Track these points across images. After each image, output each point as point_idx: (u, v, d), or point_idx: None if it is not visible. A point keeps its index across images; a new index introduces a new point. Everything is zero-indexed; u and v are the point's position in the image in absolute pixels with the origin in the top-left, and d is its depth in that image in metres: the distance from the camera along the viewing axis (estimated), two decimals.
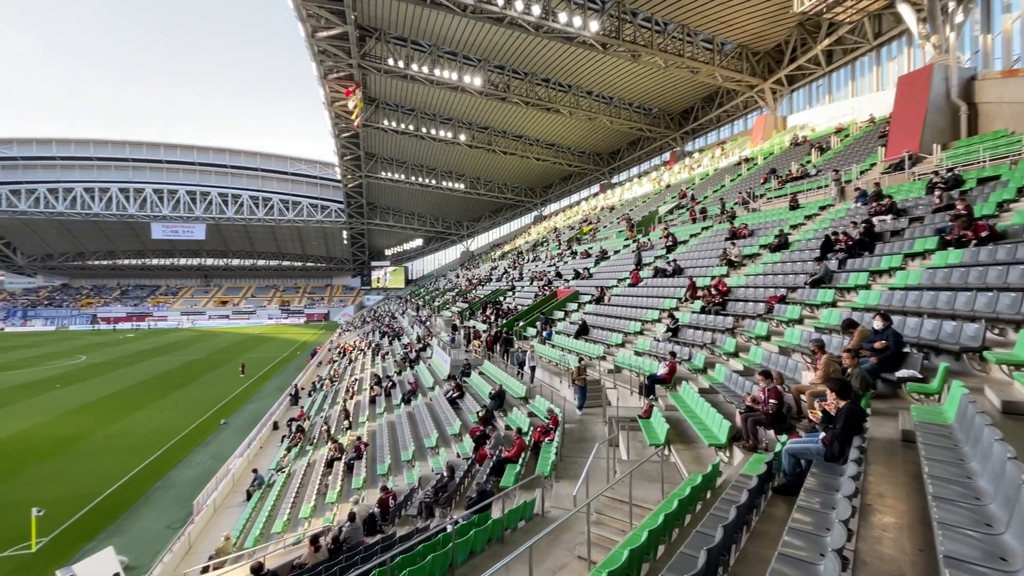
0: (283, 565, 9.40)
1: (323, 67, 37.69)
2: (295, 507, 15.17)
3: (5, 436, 23.42)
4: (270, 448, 23.30)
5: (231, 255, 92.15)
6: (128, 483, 18.81)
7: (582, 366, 12.39)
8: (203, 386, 34.99)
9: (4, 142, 69.31)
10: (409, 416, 18.75)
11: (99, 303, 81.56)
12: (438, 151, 57.43)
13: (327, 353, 47.34)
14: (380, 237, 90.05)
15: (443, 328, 30.38)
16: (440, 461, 13.36)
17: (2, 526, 15.11)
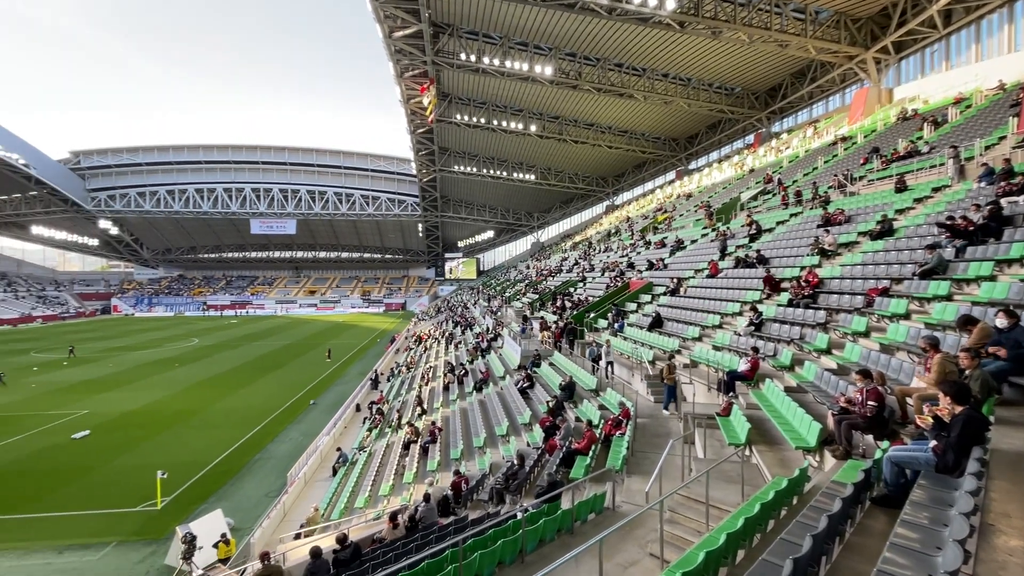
0: (365, 538, 10.03)
1: (399, 66, 39.12)
2: (375, 485, 16.10)
3: (136, 408, 26.91)
4: (353, 428, 24.89)
5: (318, 248, 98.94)
6: (233, 453, 20.94)
7: (671, 364, 11.82)
8: (295, 369, 38.04)
9: (131, 150, 78.94)
10: (480, 404, 19.20)
11: (208, 292, 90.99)
12: (509, 143, 57.78)
13: (404, 341, 49.60)
14: (453, 229, 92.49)
15: (514, 319, 30.69)
16: (511, 449, 13.57)
17: (134, 485, 17.39)
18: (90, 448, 21.09)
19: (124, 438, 22.24)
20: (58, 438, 22.14)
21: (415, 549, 8.00)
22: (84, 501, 16.48)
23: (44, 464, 19.43)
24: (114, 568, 13.14)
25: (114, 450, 20.83)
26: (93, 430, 23.08)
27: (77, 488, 17.43)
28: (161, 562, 13.25)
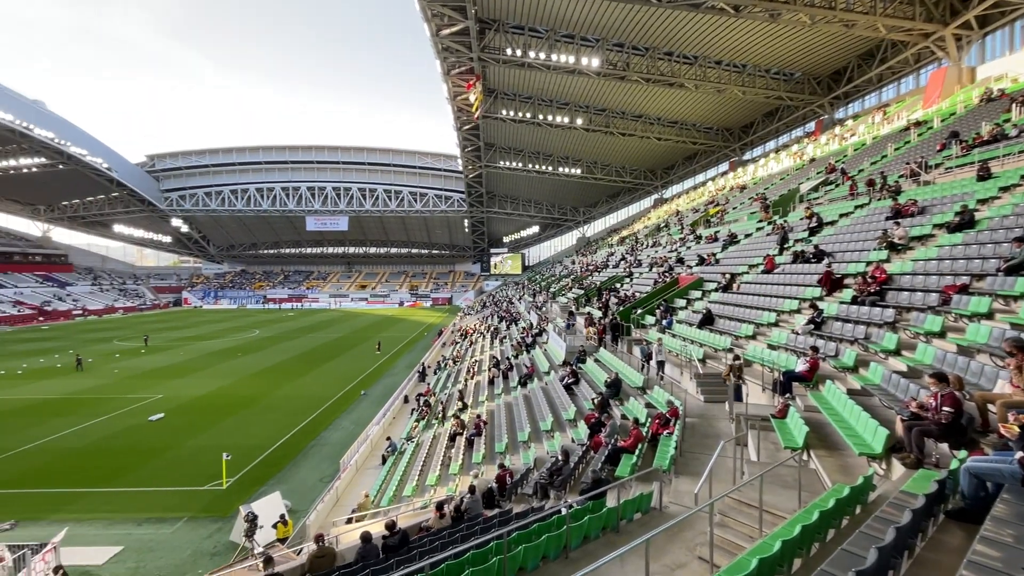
0: (412, 526, 10.31)
1: (446, 64, 39.60)
2: (422, 475, 16.52)
3: (204, 394, 28.83)
4: (401, 419, 25.62)
5: (368, 244, 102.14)
6: (290, 439, 22.06)
7: (737, 364, 10.88)
8: (347, 360, 39.55)
9: (199, 152, 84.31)
10: (525, 399, 19.27)
11: (268, 286, 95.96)
12: (554, 137, 57.36)
13: (450, 335, 50.45)
14: (498, 224, 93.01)
15: (559, 314, 30.55)
16: (555, 444, 13.55)
17: (203, 465, 18.67)
18: (164, 430, 22.80)
19: (194, 421, 23.90)
20: (137, 420, 24.07)
21: (461, 539, 8.14)
22: (159, 478, 17.86)
23: (125, 443, 21.18)
24: (186, 542, 14.18)
25: (185, 432, 22.43)
26: (167, 413, 24.94)
27: (153, 466, 18.90)
28: (226, 538, 14.17)
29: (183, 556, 13.49)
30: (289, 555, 11.08)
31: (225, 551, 13.62)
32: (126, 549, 13.71)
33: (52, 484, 17.36)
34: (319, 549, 8.29)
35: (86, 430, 22.62)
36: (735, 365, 10.79)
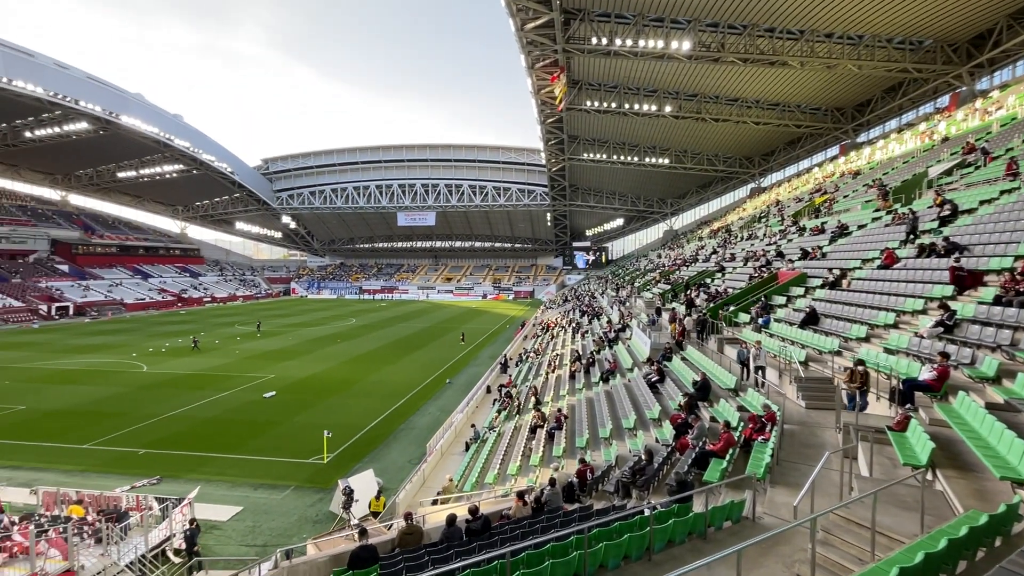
0: (494, 512, 10.57)
1: (531, 57, 39.66)
2: (504, 464, 16.87)
3: (308, 375, 31.63)
4: (484, 408, 26.33)
5: (454, 238, 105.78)
6: (382, 421, 23.56)
7: (861, 370, 9.43)
8: (433, 349, 41.38)
9: (305, 155, 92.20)
10: (607, 395, 18.95)
11: (363, 278, 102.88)
12: (641, 126, 55.39)
13: (532, 328, 50.88)
14: (581, 218, 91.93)
15: (643, 309, 29.61)
16: (638, 443, 13.20)
17: (307, 440, 20.52)
18: (276, 406, 25.36)
19: (300, 400, 26.34)
20: (253, 396, 27.00)
21: (541, 530, 8.22)
22: (272, 449, 19.91)
23: (244, 416, 23.86)
24: (292, 508, 15.71)
25: (293, 409, 24.79)
26: (278, 392, 27.70)
27: (267, 438, 21.12)
28: (326, 508, 15.48)
29: (290, 520, 14.96)
30: (380, 529, 11.86)
31: (325, 520, 14.90)
32: (245, 510, 15.48)
33: (188, 447, 20.02)
34: (408, 526, 8.77)
35: (214, 403, 25.79)
36: (858, 370, 9.55)
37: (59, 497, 14.33)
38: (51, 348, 40.37)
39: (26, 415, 23.69)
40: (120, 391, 27.74)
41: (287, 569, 8.20)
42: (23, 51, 52.93)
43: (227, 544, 13.66)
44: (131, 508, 13.80)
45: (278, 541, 13.42)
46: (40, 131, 63.43)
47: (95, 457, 19.16)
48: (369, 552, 7.51)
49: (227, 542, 13.79)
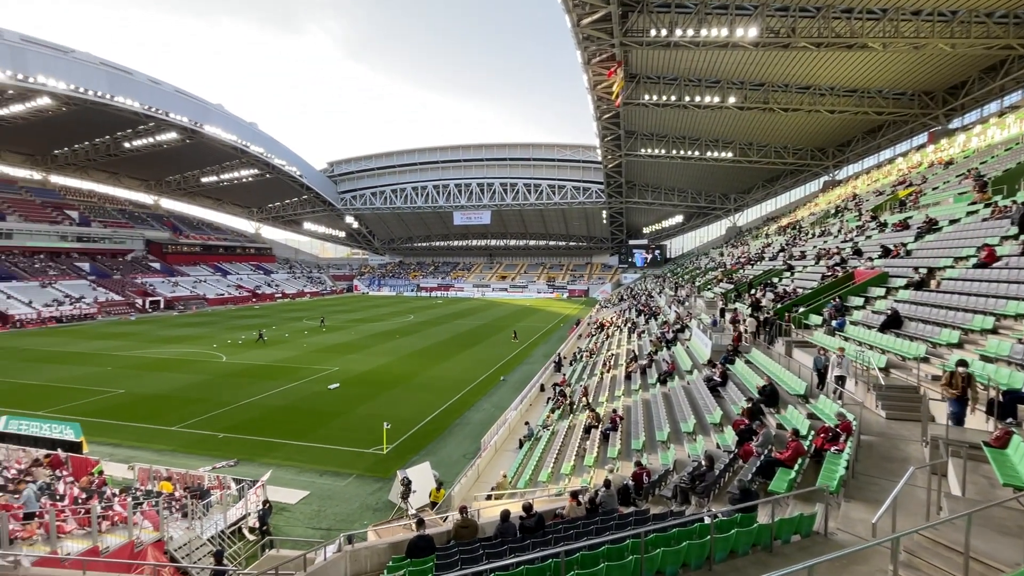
0: (548, 511, 10.55)
1: (587, 53, 39.14)
2: (557, 462, 16.81)
3: (369, 369, 32.95)
4: (538, 406, 26.35)
5: (509, 236, 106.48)
6: (439, 416, 24.15)
7: (963, 373, 8.28)
8: (488, 346, 41.90)
9: (367, 157, 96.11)
10: (664, 397, 18.42)
11: (420, 275, 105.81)
12: (702, 119, 53.26)
13: (586, 327, 50.33)
14: (638, 215, 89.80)
15: (703, 309, 28.52)
16: (697, 448, 12.74)
17: (368, 431, 21.39)
18: (339, 397, 26.62)
19: (361, 392, 27.50)
20: (319, 387, 28.47)
21: (595, 531, 8.12)
22: (335, 438, 20.92)
23: (311, 406, 25.22)
24: (354, 495, 16.44)
25: (355, 401, 25.92)
26: (341, 384, 29.06)
27: (331, 427, 22.22)
28: (385, 497, 16.08)
29: (352, 507, 15.67)
30: (437, 520, 12.16)
31: (384, 508, 15.48)
32: (311, 494, 16.37)
33: (261, 433, 21.43)
34: (463, 520, 8.94)
35: (284, 392, 27.45)
36: (959, 373, 8.43)
37: (152, 473, 15.79)
38: (145, 338, 44.51)
39: (125, 398, 26.27)
40: (202, 379, 30.14)
41: (350, 553, 8.59)
42: (123, 69, 58.67)
43: (295, 526, 14.51)
44: (212, 487, 14.96)
45: (341, 526, 14.09)
46: (137, 141, 70.03)
47: (181, 438, 20.93)
48: (426, 542, 7.73)
49: (295, 523, 14.65)
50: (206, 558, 11.68)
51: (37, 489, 12.41)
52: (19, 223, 67.42)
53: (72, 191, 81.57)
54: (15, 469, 15.71)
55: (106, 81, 55.54)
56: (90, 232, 75.21)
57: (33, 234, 68.18)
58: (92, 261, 71.79)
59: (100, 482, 14.75)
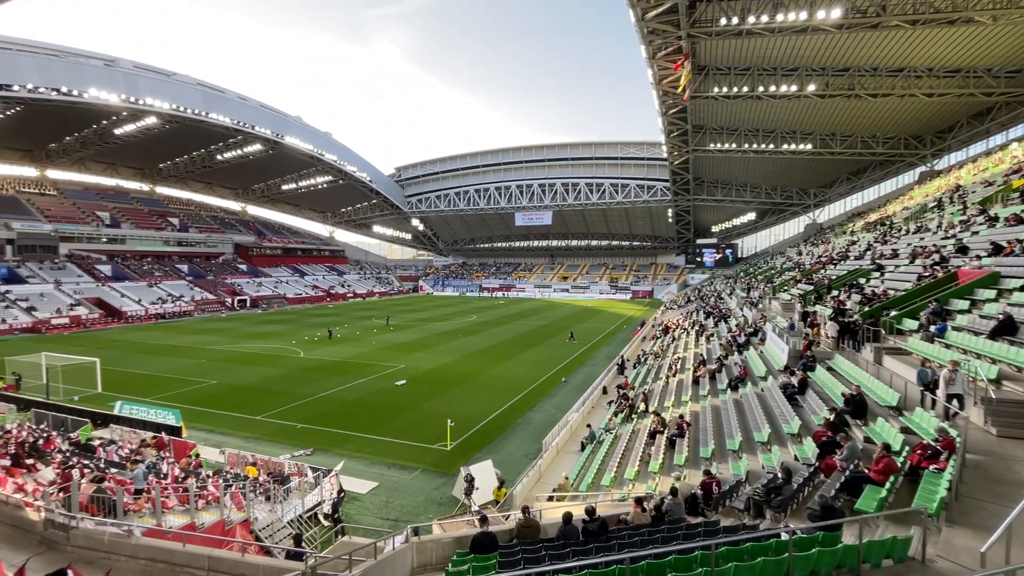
0: (611, 516, 10.36)
1: (651, 47, 38.05)
2: (620, 467, 16.46)
3: (433, 367, 33.92)
4: (600, 409, 25.94)
5: (570, 237, 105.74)
6: (500, 415, 24.40)
7: None
8: (549, 347, 41.81)
9: (431, 162, 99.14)
10: (736, 404, 17.51)
11: (483, 276, 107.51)
12: (777, 110, 50.15)
13: (650, 329, 48.92)
14: (706, 213, 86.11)
15: (779, 312, 26.85)
16: (773, 459, 12.00)
17: (432, 427, 22.01)
18: (406, 394, 27.61)
19: (426, 390, 28.36)
20: (387, 383, 29.68)
21: (661, 540, 7.87)
22: (402, 433, 21.72)
23: (379, 400, 26.35)
24: (420, 489, 16.98)
25: (420, 398, 26.78)
26: (407, 381, 30.13)
27: (398, 423, 23.09)
28: (449, 492, 16.47)
29: (418, 500, 16.19)
30: (499, 518, 12.29)
31: (448, 503, 15.87)
32: (380, 486, 17.09)
33: (334, 425, 22.67)
34: (525, 519, 8.98)
35: (355, 387, 28.88)
36: None
37: (240, 459, 17.17)
38: (234, 334, 48.48)
39: (216, 388, 28.75)
40: (283, 372, 32.37)
41: (416, 544, 8.88)
42: (216, 88, 64.36)
43: (365, 515, 15.22)
44: (292, 474, 16.02)
45: (407, 517, 14.61)
46: (227, 153, 76.49)
47: (265, 427, 22.59)
48: (490, 539, 7.84)
49: (365, 513, 15.37)
50: (286, 540, 12.52)
51: (146, 468, 13.87)
52: (131, 230, 75.77)
53: (173, 200, 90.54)
54: (128, 448, 17.63)
55: (201, 99, 61.21)
56: (188, 237, 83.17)
57: (142, 239, 76.40)
58: (190, 263, 79.28)
59: (196, 464, 16.25)
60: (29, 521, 9.58)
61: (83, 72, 51.88)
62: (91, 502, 10.26)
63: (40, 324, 50.49)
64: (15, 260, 61.17)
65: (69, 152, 71.80)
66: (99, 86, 52.31)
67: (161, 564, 8.55)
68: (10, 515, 9.71)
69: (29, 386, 27.62)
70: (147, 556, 8.74)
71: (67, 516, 9.33)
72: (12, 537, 9.35)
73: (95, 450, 16.67)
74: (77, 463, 13.88)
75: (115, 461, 15.54)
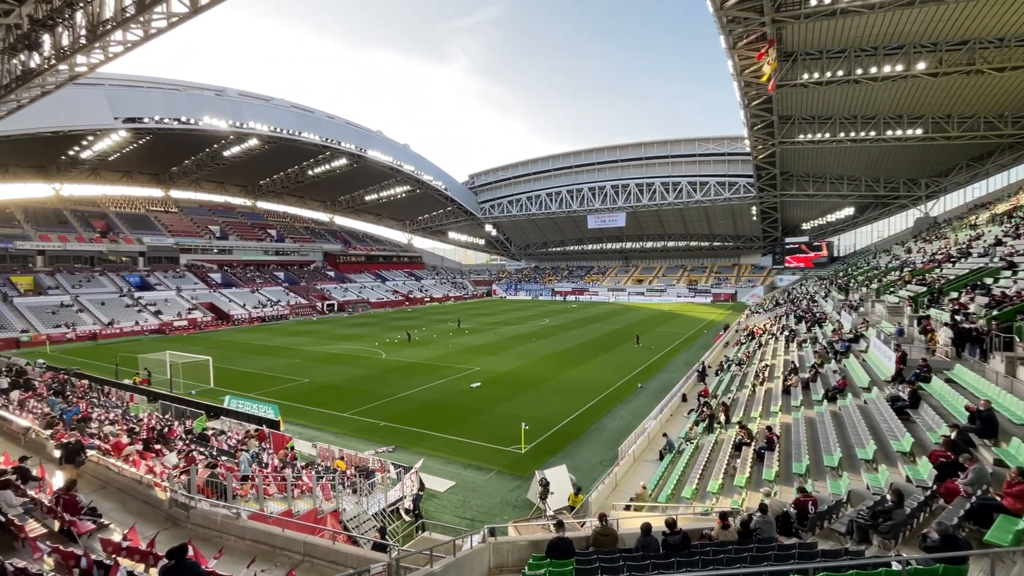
0: (693, 529, 9.87)
1: (731, 37, 36.09)
2: (702, 479, 15.64)
3: (507, 370, 34.30)
4: (678, 418, 24.84)
5: (645, 238, 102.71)
6: (574, 420, 24.14)
7: None
8: (623, 352, 40.79)
9: (504, 167, 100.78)
10: (834, 416, 16.05)
11: (555, 280, 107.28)
12: (879, 94, 45.55)
13: (734, 334, 46.19)
14: (796, 209, 80.00)
15: (885, 316, 24.30)
16: (879, 480, 10.85)
17: (507, 429, 22.23)
18: (480, 396, 28.15)
19: (500, 392, 28.73)
20: (462, 385, 30.43)
21: (749, 559, 7.38)
22: (477, 434, 22.14)
23: (455, 402, 27.08)
24: (495, 490, 17.20)
25: (495, 400, 27.18)
26: (482, 383, 30.70)
27: (473, 424, 23.58)
28: (523, 496, 16.53)
29: (494, 501, 16.41)
30: (575, 524, 12.14)
31: (523, 506, 15.93)
32: (457, 485, 17.53)
33: (413, 424, 23.60)
34: (602, 527, 8.80)
35: (433, 388, 29.91)
36: None
37: (329, 453, 18.38)
38: (323, 336, 52.10)
39: (309, 386, 31.02)
40: (367, 373, 34.27)
41: (493, 545, 9.00)
42: (306, 109, 69.85)
43: (443, 512, 15.67)
44: (376, 469, 16.88)
45: (483, 517, 14.85)
46: (317, 169, 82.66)
47: (351, 424, 24.02)
48: (566, 544, 7.77)
49: (443, 510, 15.82)
50: (371, 531, 13.21)
51: (250, 457, 15.24)
52: (237, 241, 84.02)
53: (271, 213, 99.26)
54: (235, 439, 19.47)
55: (295, 120, 66.73)
56: (284, 247, 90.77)
57: (246, 250, 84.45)
58: (285, 271, 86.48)
59: (292, 456, 17.61)
60: (157, 499, 10.88)
61: (198, 102, 58.52)
62: (206, 485, 11.46)
63: (165, 326, 57.45)
64: (145, 270, 70.13)
65: (187, 174, 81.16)
66: (211, 114, 58.73)
67: (264, 546, 9.35)
68: (143, 493, 11.10)
69: (156, 380, 31.43)
70: (252, 537, 9.60)
71: (187, 497, 10.49)
72: (144, 512, 10.68)
73: (208, 439, 18.60)
74: (194, 450, 15.58)
75: (225, 450, 17.25)
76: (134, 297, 62.27)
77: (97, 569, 7.14)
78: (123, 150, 65.24)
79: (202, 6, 17.67)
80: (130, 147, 64.45)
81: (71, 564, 7.47)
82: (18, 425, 15.60)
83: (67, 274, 62.37)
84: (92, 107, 49.71)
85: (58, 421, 16.04)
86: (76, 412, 18.63)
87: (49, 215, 67.89)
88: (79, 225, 68.34)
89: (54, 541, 8.42)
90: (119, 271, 67.39)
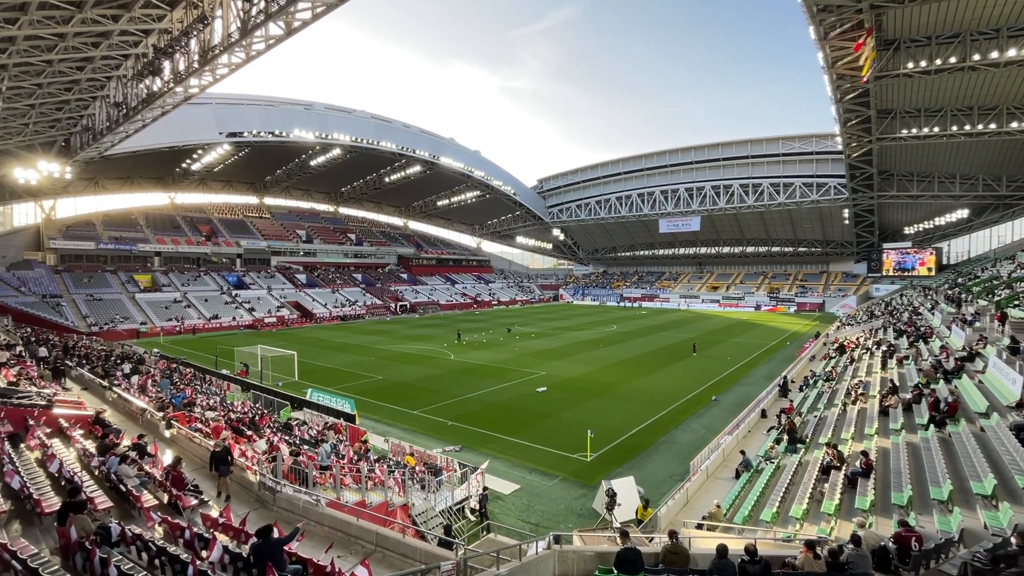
0: (774, 557, 9.17)
1: (823, 27, 33.54)
2: (784, 502, 14.52)
3: (573, 376, 33.92)
4: (757, 434, 23.28)
5: (722, 243, 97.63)
6: (643, 430, 23.38)
7: None
8: (697, 362, 38.99)
9: (573, 172, 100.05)
10: (942, 443, 14.32)
11: (624, 285, 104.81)
12: (999, 82, 40.40)
13: (822, 348, 42.67)
14: (896, 212, 72.77)
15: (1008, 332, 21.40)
16: (1000, 519, 9.52)
17: (572, 436, 21.94)
18: (546, 401, 28.03)
19: (566, 398, 28.44)
20: (527, 389, 30.46)
21: None
22: (543, 439, 22.04)
23: (521, 405, 27.15)
24: (560, 497, 17.02)
25: (560, 405, 26.95)
26: (548, 388, 30.57)
27: (538, 428, 23.50)
28: (589, 505, 16.21)
29: (558, 508, 16.23)
30: (642, 539, 11.70)
31: (587, 515, 15.62)
32: (521, 489, 17.54)
33: (480, 425, 23.93)
34: (673, 544, 8.41)
35: (499, 391, 30.21)
36: None
37: (399, 448, 19.08)
38: (396, 335, 54.37)
39: (383, 383, 32.45)
40: (436, 372, 35.28)
41: (558, 553, 8.88)
42: (384, 119, 73.55)
43: (507, 515, 15.72)
44: (443, 467, 17.29)
45: (547, 523, 14.73)
46: (393, 176, 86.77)
47: (421, 422, 24.80)
48: (636, 556, 7.51)
49: (508, 513, 15.88)
50: (438, 528, 13.53)
51: (329, 447, 16.16)
52: (320, 245, 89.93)
53: (351, 218, 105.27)
54: (315, 430, 20.75)
55: (374, 130, 70.51)
56: (362, 250, 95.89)
57: (328, 253, 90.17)
58: (363, 273, 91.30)
59: (365, 449, 18.47)
60: (248, 481, 11.83)
61: (289, 116, 63.52)
62: (290, 472, 12.29)
63: (257, 322, 62.64)
64: (242, 270, 76.93)
65: (278, 182, 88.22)
66: (300, 127, 63.51)
67: (340, 533, 9.86)
68: (237, 475, 12.10)
69: (250, 372, 34.28)
70: (329, 524, 10.16)
71: (274, 481, 11.30)
72: (238, 492, 11.64)
73: (292, 428, 19.98)
74: (280, 438, 16.78)
75: (306, 439, 18.44)
76: (232, 295, 68.49)
77: (198, 541, 7.87)
78: (225, 162, 72.28)
79: (295, 28, 19.18)
80: (231, 159, 71.23)
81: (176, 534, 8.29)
82: (136, 406, 17.63)
83: (178, 273, 69.91)
84: (202, 124, 55.53)
85: (168, 404, 17.94)
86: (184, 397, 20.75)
87: (165, 221, 76.47)
88: (188, 229, 76.37)
89: (163, 512, 9.39)
90: (220, 271, 74.44)
